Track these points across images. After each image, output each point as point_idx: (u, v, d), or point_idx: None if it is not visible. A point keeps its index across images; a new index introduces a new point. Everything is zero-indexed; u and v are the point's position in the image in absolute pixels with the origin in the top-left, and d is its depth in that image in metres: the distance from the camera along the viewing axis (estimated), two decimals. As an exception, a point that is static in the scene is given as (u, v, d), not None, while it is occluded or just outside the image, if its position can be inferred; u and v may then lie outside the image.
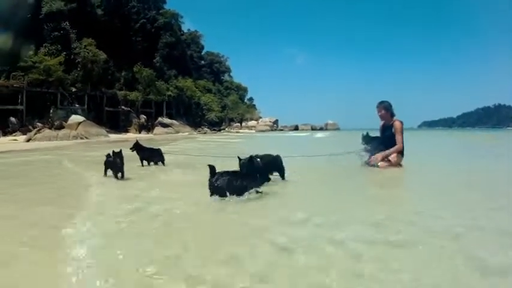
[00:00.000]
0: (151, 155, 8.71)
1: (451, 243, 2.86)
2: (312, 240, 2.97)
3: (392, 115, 7.80)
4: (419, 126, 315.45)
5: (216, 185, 4.41)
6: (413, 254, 2.67)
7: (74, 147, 20.75)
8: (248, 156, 5.05)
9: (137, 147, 8.62)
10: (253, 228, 3.37)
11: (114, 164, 6.34)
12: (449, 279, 2.26)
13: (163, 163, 8.56)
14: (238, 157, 5.05)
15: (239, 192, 4.41)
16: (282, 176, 5.89)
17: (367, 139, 7.95)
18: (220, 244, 2.98)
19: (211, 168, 4.48)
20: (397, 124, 7.62)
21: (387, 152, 7.54)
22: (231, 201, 4.37)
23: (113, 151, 6.39)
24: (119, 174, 6.33)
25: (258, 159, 5.25)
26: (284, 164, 6.03)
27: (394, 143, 7.56)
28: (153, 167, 8.46)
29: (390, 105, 7.83)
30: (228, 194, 4.39)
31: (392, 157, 7.58)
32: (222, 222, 3.73)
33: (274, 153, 6.08)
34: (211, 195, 4.43)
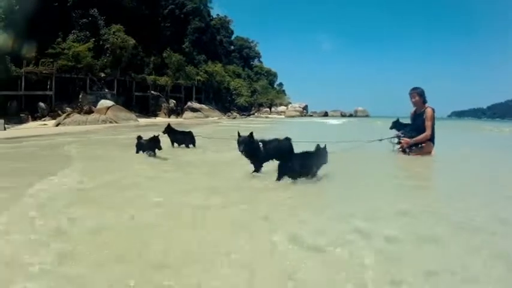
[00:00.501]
0: (182, 138, 9.12)
1: (479, 239, 2.71)
2: (338, 232, 2.75)
3: (424, 102, 7.81)
4: (449, 116, 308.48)
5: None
6: (442, 251, 2.47)
7: (102, 131, 20.81)
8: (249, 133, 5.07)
9: (169, 130, 9.10)
10: (271, 219, 3.14)
11: (144, 146, 7.18)
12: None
13: (194, 145, 8.97)
14: (238, 132, 5.01)
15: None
16: None
17: (397, 125, 8.11)
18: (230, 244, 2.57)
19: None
20: (428, 111, 7.63)
21: (416, 138, 7.59)
22: (242, 189, 4.35)
23: (154, 135, 7.10)
24: (151, 154, 7.09)
25: (260, 143, 5.14)
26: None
27: (425, 130, 7.58)
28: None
29: (423, 92, 7.83)
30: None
31: (423, 145, 7.63)
32: (235, 216, 3.31)
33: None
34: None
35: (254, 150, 4.96)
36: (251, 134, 4.99)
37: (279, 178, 4.54)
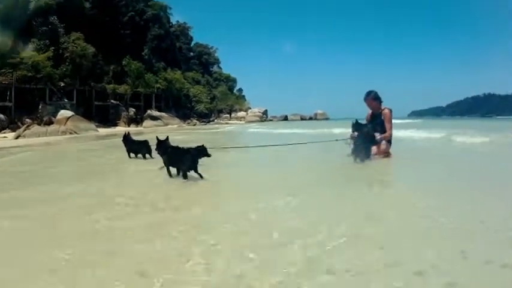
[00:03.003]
0: (138, 148, 8.81)
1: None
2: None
3: (380, 102, 7.86)
4: (409, 115, 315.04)
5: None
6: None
7: (64, 143, 21.10)
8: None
9: (126, 139, 8.87)
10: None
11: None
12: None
13: (150, 155, 8.47)
14: (157, 137, 6.07)
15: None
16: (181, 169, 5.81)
17: (357, 126, 7.56)
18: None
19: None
20: (386, 112, 7.72)
21: (380, 136, 7.57)
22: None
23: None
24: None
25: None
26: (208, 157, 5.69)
27: (384, 131, 7.60)
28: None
29: (377, 94, 7.87)
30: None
31: (381, 145, 7.68)
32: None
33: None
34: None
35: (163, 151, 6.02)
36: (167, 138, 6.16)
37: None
